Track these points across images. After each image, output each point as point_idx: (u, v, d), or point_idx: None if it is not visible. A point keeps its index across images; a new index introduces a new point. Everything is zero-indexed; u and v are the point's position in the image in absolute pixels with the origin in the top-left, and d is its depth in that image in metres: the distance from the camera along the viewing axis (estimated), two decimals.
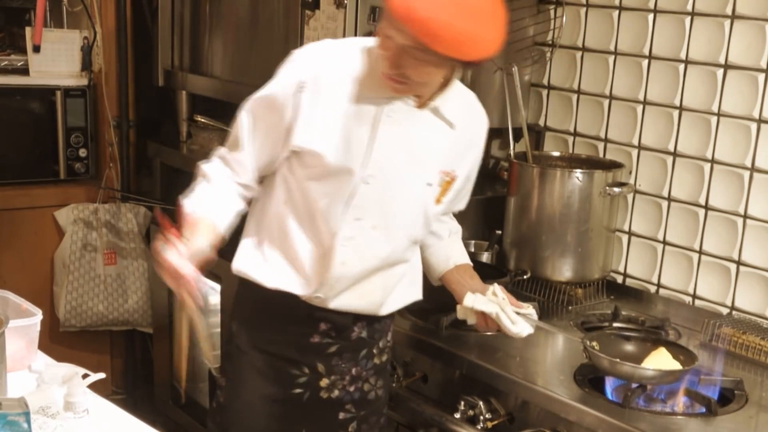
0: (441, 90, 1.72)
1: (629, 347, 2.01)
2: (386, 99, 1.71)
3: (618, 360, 1.89)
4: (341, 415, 1.89)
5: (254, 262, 1.83)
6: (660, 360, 1.92)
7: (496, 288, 1.96)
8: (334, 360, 1.86)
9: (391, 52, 1.59)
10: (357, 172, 1.72)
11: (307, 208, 1.76)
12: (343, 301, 1.81)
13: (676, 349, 1.97)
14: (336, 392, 1.87)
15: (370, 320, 1.87)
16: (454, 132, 1.80)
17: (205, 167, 1.82)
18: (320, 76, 1.71)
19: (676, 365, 1.91)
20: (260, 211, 1.85)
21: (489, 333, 2.00)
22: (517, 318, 1.92)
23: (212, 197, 1.78)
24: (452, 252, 2.03)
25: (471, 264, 2.06)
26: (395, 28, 1.55)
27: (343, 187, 1.73)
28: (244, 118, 1.79)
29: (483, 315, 1.92)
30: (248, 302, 1.90)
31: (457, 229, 2.08)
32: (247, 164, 1.80)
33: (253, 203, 1.87)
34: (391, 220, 1.78)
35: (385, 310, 1.88)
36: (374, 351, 1.91)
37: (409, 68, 1.60)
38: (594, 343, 1.96)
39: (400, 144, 1.75)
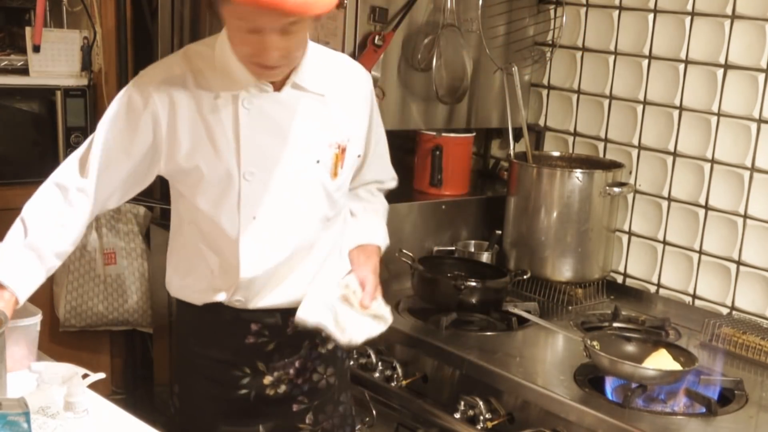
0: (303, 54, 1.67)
1: (630, 348, 2.01)
2: (237, 92, 1.68)
3: (619, 359, 1.89)
4: (295, 407, 1.88)
5: (178, 284, 1.91)
6: (660, 361, 1.92)
7: (350, 280, 1.78)
8: (275, 357, 1.84)
9: (258, 40, 1.55)
10: (234, 172, 1.70)
11: (204, 221, 1.77)
12: (265, 301, 1.80)
13: (676, 351, 1.97)
14: (283, 387, 1.86)
15: (279, 311, 1.83)
16: (325, 100, 1.75)
17: (27, 211, 1.79)
18: (168, 98, 1.70)
19: (676, 366, 1.91)
20: (172, 236, 1.94)
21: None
22: (348, 323, 1.72)
23: (23, 257, 1.73)
24: (364, 228, 1.93)
25: (375, 244, 1.91)
26: (245, 16, 1.52)
27: (227, 191, 1.71)
28: (96, 140, 1.75)
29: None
30: (185, 316, 1.93)
31: (375, 207, 1.97)
32: (89, 188, 1.77)
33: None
34: (287, 209, 1.75)
35: None
36: (317, 341, 1.87)
37: (281, 42, 1.56)
38: (594, 343, 1.96)
39: (269, 131, 1.71)
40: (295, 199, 1.76)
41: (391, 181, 2.02)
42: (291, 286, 1.80)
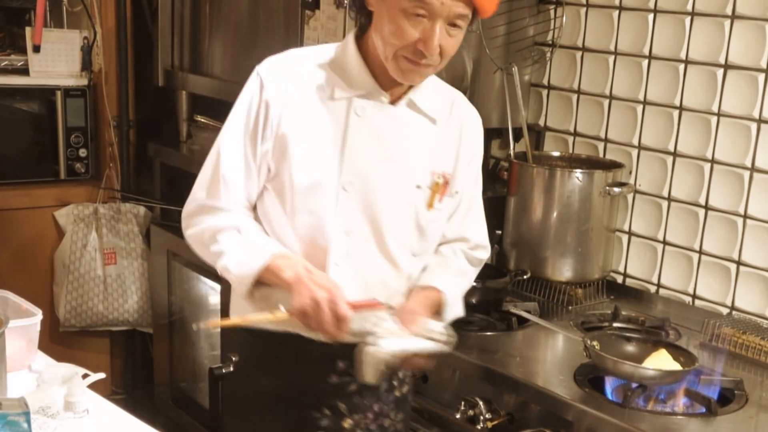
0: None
1: (630, 348, 2.01)
2: (355, 97, 1.62)
3: (619, 359, 1.89)
4: None
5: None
6: (660, 361, 1.93)
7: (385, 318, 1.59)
8: (356, 398, 1.71)
9: (424, 26, 1.51)
10: (334, 178, 1.61)
11: (295, 232, 1.64)
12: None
13: (676, 351, 1.97)
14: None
15: None
16: (436, 128, 1.69)
17: (219, 224, 1.65)
18: (285, 90, 1.63)
19: (676, 366, 1.91)
20: None
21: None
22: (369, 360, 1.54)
23: (265, 238, 1.66)
24: (433, 271, 1.75)
25: (442, 293, 1.70)
26: None
27: (325, 198, 1.61)
28: (225, 156, 1.65)
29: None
30: (255, 347, 1.74)
31: (454, 263, 1.79)
32: (240, 203, 1.67)
33: None
34: (381, 228, 1.65)
35: None
36: (394, 383, 1.77)
37: (443, 37, 1.52)
38: (595, 343, 1.96)
39: (375, 144, 1.63)
40: (388, 220, 1.66)
41: (483, 250, 1.84)
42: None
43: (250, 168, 1.65)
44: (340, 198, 1.62)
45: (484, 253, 1.85)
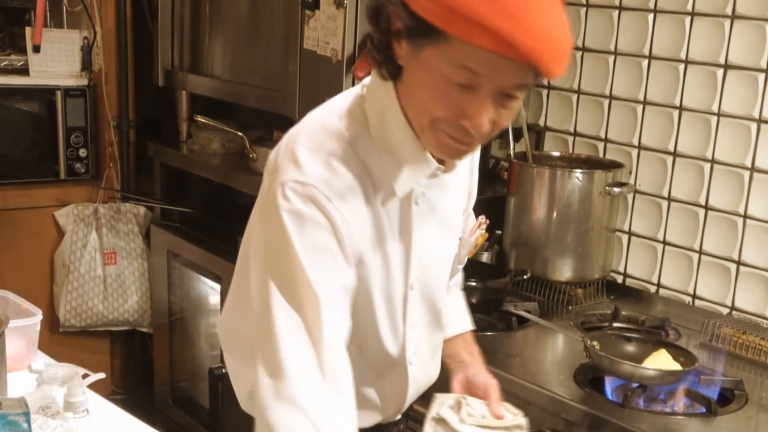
0: None
1: (630, 348, 2.01)
2: (415, 181, 1.30)
3: (619, 359, 1.89)
4: None
5: None
6: (660, 361, 1.92)
7: (471, 404, 1.47)
8: None
9: (472, 97, 1.14)
10: (399, 283, 1.36)
11: (363, 340, 1.37)
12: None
13: (676, 351, 1.97)
14: None
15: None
16: (456, 172, 1.40)
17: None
18: (351, 209, 1.24)
19: (676, 366, 1.91)
20: None
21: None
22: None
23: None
24: (453, 315, 1.64)
25: (471, 329, 1.66)
26: (446, 49, 1.11)
27: (394, 305, 1.37)
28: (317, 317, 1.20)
29: None
30: None
31: (456, 281, 1.69)
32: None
33: None
34: (438, 305, 1.46)
35: None
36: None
37: (495, 112, 1.17)
38: (595, 343, 1.96)
39: (435, 226, 1.39)
40: (441, 290, 1.46)
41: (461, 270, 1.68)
42: (429, 380, 1.55)
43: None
44: (409, 300, 1.39)
45: (460, 272, 1.71)
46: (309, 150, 1.23)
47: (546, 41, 1.12)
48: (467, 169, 1.49)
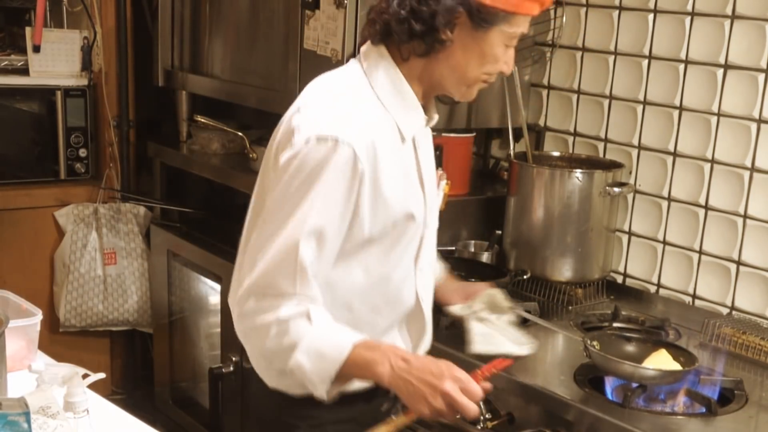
0: None
1: (630, 348, 2.01)
2: (416, 131, 1.58)
3: (619, 360, 1.89)
4: None
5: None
6: (660, 361, 1.92)
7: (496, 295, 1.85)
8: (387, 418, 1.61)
9: (508, 51, 1.56)
10: (422, 221, 1.60)
11: (386, 290, 1.60)
12: None
13: (676, 351, 1.97)
14: None
15: None
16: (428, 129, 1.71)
17: (287, 313, 1.45)
18: (374, 154, 1.48)
19: (676, 366, 1.91)
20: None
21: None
22: (518, 334, 1.85)
23: (339, 326, 1.51)
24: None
25: (447, 269, 1.95)
26: (509, 25, 1.50)
27: (412, 248, 1.61)
28: (297, 247, 1.45)
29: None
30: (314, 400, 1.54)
31: None
32: (315, 290, 1.49)
33: None
34: (432, 252, 1.70)
35: None
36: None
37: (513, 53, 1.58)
38: (595, 343, 1.96)
39: (429, 171, 1.64)
40: (434, 240, 1.71)
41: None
42: (429, 336, 1.74)
43: (331, 256, 1.50)
44: (426, 237, 1.63)
45: None
46: (326, 114, 1.48)
47: None
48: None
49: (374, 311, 1.60)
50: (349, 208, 1.46)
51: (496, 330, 1.85)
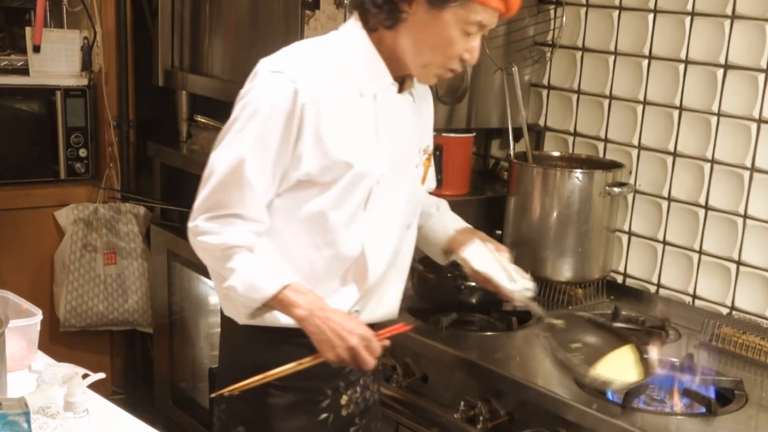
0: None
1: (592, 338, 1.92)
2: (375, 90, 1.66)
3: (566, 358, 1.83)
4: (351, 430, 1.82)
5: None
6: (617, 361, 1.85)
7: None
8: (350, 374, 1.78)
9: (471, 40, 1.60)
10: (371, 174, 1.65)
11: (324, 228, 1.66)
12: (370, 314, 1.75)
13: (642, 353, 1.85)
14: (351, 407, 1.80)
15: (373, 326, 1.73)
16: (416, 106, 1.77)
17: (233, 240, 1.61)
18: (320, 94, 1.59)
19: (631, 369, 1.83)
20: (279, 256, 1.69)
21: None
22: (517, 275, 1.83)
23: (278, 264, 1.66)
24: (447, 221, 1.96)
25: (470, 226, 1.97)
26: (464, 10, 1.56)
27: (357, 196, 1.66)
28: (251, 161, 1.59)
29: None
30: (265, 344, 1.72)
31: (441, 202, 2.01)
32: (261, 211, 1.63)
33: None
34: (394, 213, 1.74)
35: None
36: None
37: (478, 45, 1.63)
38: (559, 321, 1.89)
39: (394, 134, 1.69)
40: (399, 205, 1.74)
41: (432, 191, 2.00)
42: (391, 297, 1.81)
43: (274, 177, 1.61)
44: (374, 192, 1.68)
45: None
46: (284, 55, 1.65)
47: None
48: (425, 110, 1.84)
49: (312, 247, 1.67)
50: (290, 135, 1.58)
51: (494, 259, 1.85)
